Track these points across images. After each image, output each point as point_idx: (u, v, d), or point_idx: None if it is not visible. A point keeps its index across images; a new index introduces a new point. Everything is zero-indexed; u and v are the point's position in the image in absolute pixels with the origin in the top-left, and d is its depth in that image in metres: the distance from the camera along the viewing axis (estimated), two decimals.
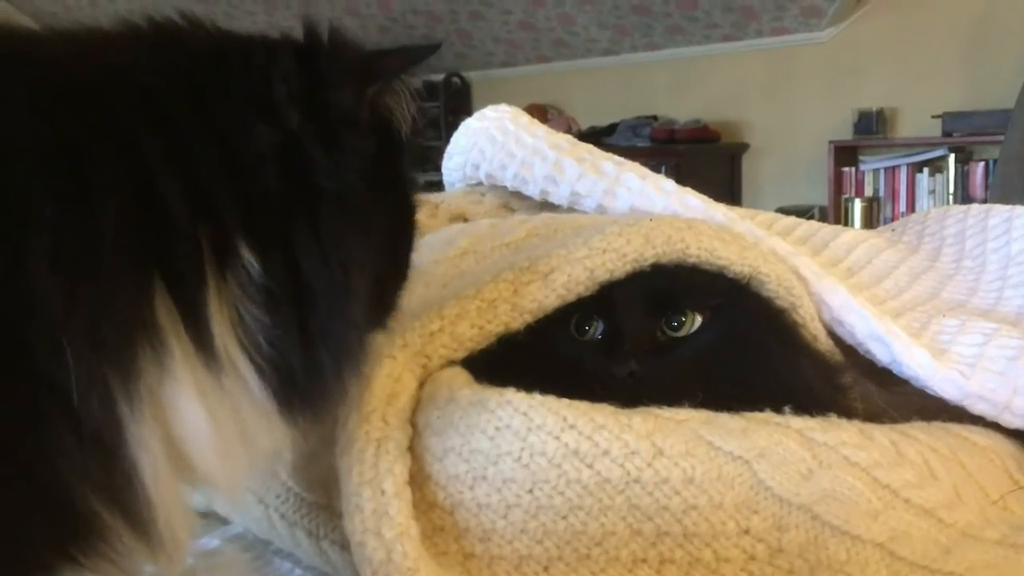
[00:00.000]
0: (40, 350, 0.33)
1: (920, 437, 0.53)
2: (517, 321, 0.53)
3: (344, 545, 0.48)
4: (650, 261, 0.55)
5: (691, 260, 0.56)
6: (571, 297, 0.54)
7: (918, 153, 3.58)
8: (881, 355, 0.64)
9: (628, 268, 0.55)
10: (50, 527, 0.34)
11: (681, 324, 0.55)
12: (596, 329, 0.55)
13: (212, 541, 0.71)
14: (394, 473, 0.46)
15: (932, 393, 0.62)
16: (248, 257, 0.38)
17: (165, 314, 0.36)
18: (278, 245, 0.39)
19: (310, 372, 0.40)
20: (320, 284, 0.40)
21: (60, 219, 0.33)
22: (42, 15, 5.27)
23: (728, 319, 0.57)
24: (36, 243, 0.33)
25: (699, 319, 0.56)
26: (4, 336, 0.33)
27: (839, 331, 0.65)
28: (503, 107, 0.87)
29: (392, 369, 0.50)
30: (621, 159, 0.77)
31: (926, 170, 3.56)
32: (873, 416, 0.56)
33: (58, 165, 0.34)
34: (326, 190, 0.40)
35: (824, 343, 0.64)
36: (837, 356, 0.64)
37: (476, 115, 0.88)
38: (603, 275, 0.54)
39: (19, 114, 0.34)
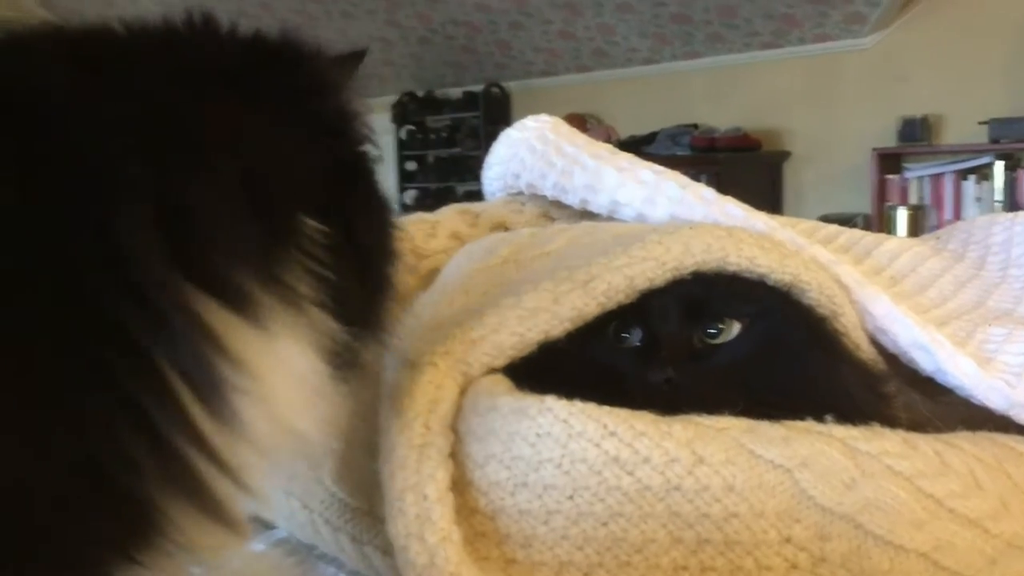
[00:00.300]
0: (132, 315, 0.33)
1: (965, 447, 0.52)
2: (557, 329, 0.53)
3: (387, 550, 0.49)
4: (690, 269, 0.55)
5: (731, 268, 0.56)
6: (611, 305, 0.54)
7: (964, 160, 3.52)
8: (925, 364, 0.63)
9: (668, 276, 0.55)
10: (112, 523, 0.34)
11: (719, 331, 0.55)
12: (634, 336, 0.56)
13: (257, 545, 0.72)
14: (436, 479, 0.47)
15: (977, 403, 0.62)
16: (314, 225, 0.42)
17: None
18: (339, 213, 0.44)
19: (368, 326, 0.47)
20: (370, 242, 0.48)
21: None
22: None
23: (767, 327, 0.56)
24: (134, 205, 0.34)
25: (737, 327, 0.56)
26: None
27: (882, 340, 0.65)
28: (543, 117, 0.88)
29: (434, 376, 0.51)
30: (661, 168, 0.77)
31: (972, 177, 3.51)
32: (917, 425, 0.55)
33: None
34: (366, 167, 0.51)
35: (867, 352, 0.63)
36: (880, 365, 0.64)
37: (516, 125, 0.89)
38: (643, 283, 0.54)
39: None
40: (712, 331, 0.55)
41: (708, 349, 0.55)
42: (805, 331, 0.59)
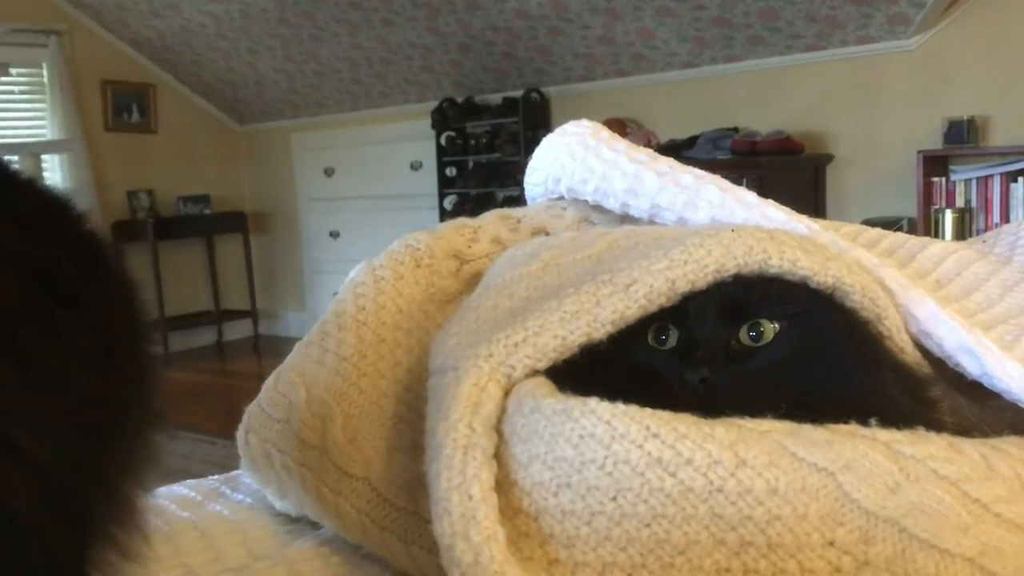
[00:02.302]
0: None
1: (1012, 451, 0.52)
2: (599, 332, 0.54)
3: (432, 549, 0.50)
4: (731, 272, 0.55)
5: (773, 270, 0.56)
6: (652, 308, 0.54)
7: (1012, 162, 3.46)
8: (971, 368, 0.63)
9: (709, 279, 0.55)
10: None
11: (759, 334, 0.55)
12: (672, 338, 0.56)
13: (304, 544, 0.73)
14: (481, 479, 0.47)
15: None
16: None
17: None
18: None
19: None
20: None
21: None
22: (141, 41, 5.51)
23: (807, 330, 0.56)
24: None
25: (776, 328, 0.55)
26: None
27: (927, 343, 0.64)
28: (584, 122, 0.88)
29: (478, 379, 0.52)
30: (702, 172, 0.77)
31: (1021, 179, 3.44)
32: (964, 430, 0.55)
33: None
34: None
35: (911, 355, 0.63)
36: (925, 369, 0.63)
37: (557, 130, 0.89)
38: (684, 286, 0.54)
39: None
40: (751, 333, 0.55)
41: (746, 351, 0.55)
42: (847, 334, 0.59)
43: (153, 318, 0.59)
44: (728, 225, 0.66)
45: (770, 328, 0.55)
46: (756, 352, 0.55)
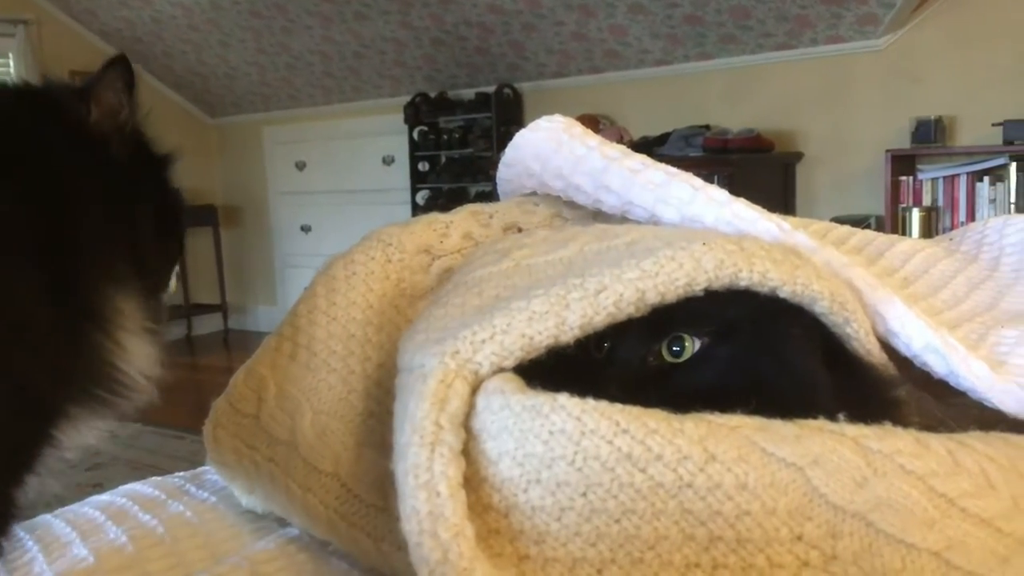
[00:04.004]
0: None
1: (978, 447, 0.52)
2: (567, 335, 0.53)
3: (401, 546, 0.50)
4: (702, 286, 0.54)
5: (743, 284, 0.56)
6: (621, 316, 0.54)
7: (978, 162, 3.50)
8: (938, 367, 0.63)
9: (680, 292, 0.54)
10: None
11: (681, 348, 0.55)
12: (604, 349, 0.56)
13: (269, 544, 0.73)
14: (448, 476, 0.47)
15: (990, 406, 0.62)
16: None
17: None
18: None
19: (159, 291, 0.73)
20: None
21: None
22: (110, 32, 5.43)
23: (739, 352, 0.56)
24: None
25: (697, 345, 0.55)
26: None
27: (894, 343, 0.65)
28: (557, 117, 0.88)
29: (445, 376, 0.51)
30: (674, 169, 0.77)
31: (986, 179, 3.49)
32: (930, 427, 0.55)
33: None
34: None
35: (878, 356, 0.63)
36: (891, 370, 0.64)
37: (530, 126, 0.89)
38: (654, 298, 0.54)
39: None
40: (674, 348, 0.55)
41: (665, 369, 0.55)
42: (814, 341, 0.59)
43: None
44: (701, 232, 0.65)
45: (691, 345, 0.55)
46: (674, 372, 0.55)
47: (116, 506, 0.82)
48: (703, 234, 0.61)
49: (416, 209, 4.99)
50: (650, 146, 3.89)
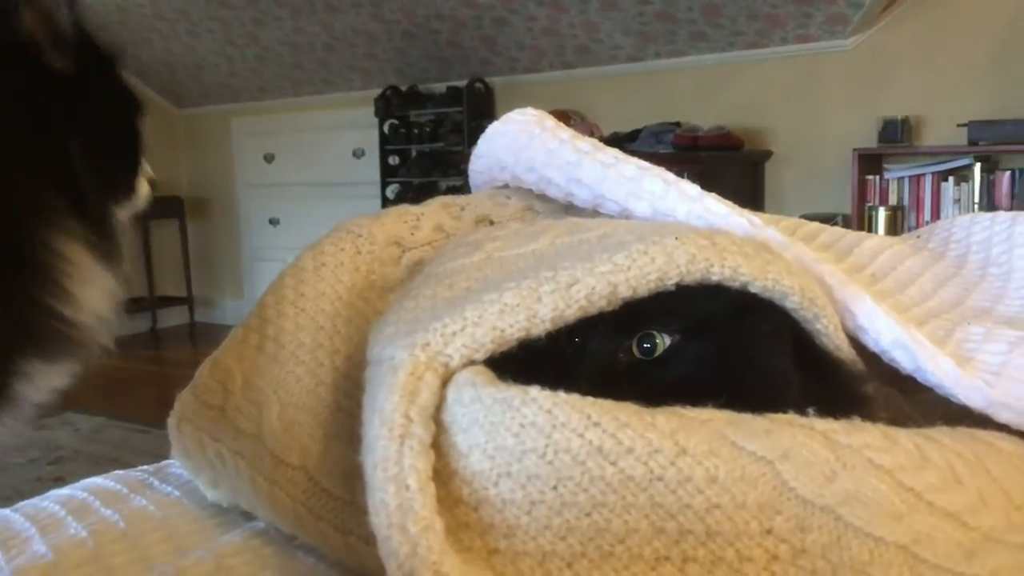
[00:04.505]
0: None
1: (944, 441, 0.53)
2: (538, 328, 0.53)
3: (370, 540, 0.49)
4: (674, 280, 0.54)
5: (715, 279, 0.56)
6: (592, 310, 0.53)
7: (943, 162, 3.55)
8: (905, 363, 0.64)
9: (651, 287, 0.54)
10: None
11: (652, 346, 0.55)
12: (575, 344, 0.56)
13: (234, 537, 0.72)
14: (418, 469, 0.47)
15: (956, 401, 0.62)
16: None
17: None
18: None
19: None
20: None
21: None
22: None
23: (709, 349, 0.56)
24: None
25: (668, 342, 0.55)
26: None
27: (863, 339, 0.65)
28: (529, 110, 0.88)
29: (415, 368, 0.51)
30: (646, 164, 0.77)
31: (951, 179, 3.54)
32: (897, 423, 0.56)
33: None
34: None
35: (847, 352, 0.63)
36: (859, 365, 0.64)
37: (503, 118, 0.89)
38: (626, 291, 0.53)
39: None
40: (644, 345, 0.55)
41: (635, 366, 0.55)
42: (784, 337, 0.59)
43: None
44: (673, 226, 0.65)
45: (662, 342, 0.55)
46: (645, 369, 0.55)
47: (77, 500, 0.81)
48: (675, 228, 0.61)
49: (386, 203, 4.96)
50: (621, 142, 3.90)
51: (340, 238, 0.77)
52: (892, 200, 3.65)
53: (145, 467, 0.91)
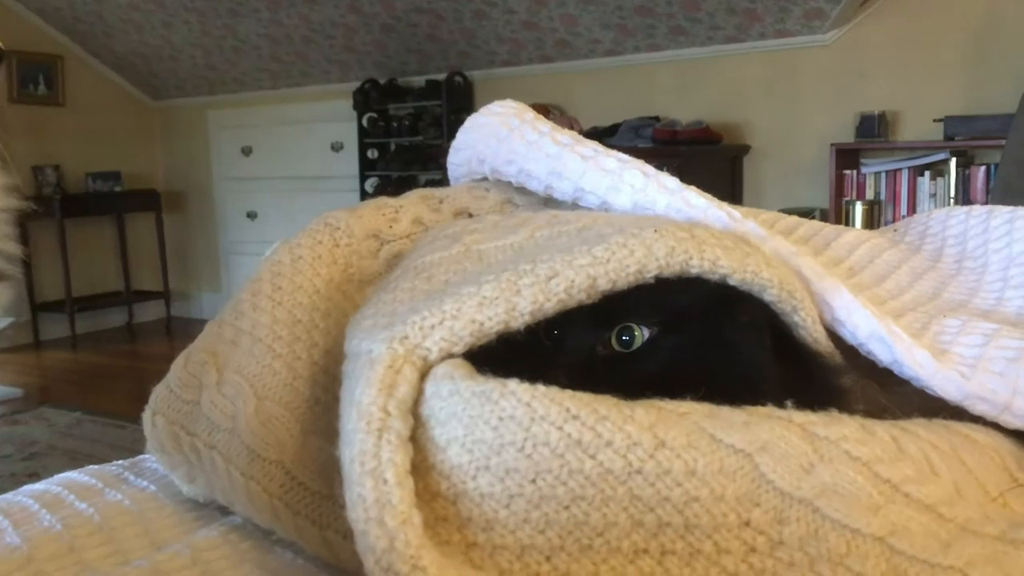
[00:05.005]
0: None
1: (921, 433, 0.53)
2: (517, 321, 0.53)
3: (347, 534, 0.49)
4: (653, 273, 0.54)
5: (694, 271, 0.56)
6: (572, 303, 0.53)
7: (920, 157, 3.58)
8: (882, 355, 0.64)
9: (631, 279, 0.54)
10: None
11: (631, 338, 0.55)
12: (553, 337, 0.56)
13: (211, 532, 0.71)
14: (395, 463, 0.46)
15: (932, 393, 0.63)
16: None
17: None
18: None
19: None
20: None
21: None
22: (48, 11, 5.28)
23: (687, 341, 0.56)
24: None
25: (646, 335, 0.55)
26: None
27: (840, 331, 0.65)
28: (508, 102, 0.88)
29: (393, 361, 0.50)
30: (626, 156, 0.77)
31: (927, 174, 3.57)
32: (874, 415, 0.56)
33: None
34: None
35: (825, 345, 0.64)
36: (837, 358, 0.64)
37: (482, 110, 0.88)
38: (605, 284, 0.53)
39: None
40: (623, 338, 0.55)
41: (615, 359, 0.55)
42: (755, 328, 0.59)
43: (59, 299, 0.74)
44: (652, 219, 0.65)
45: (640, 334, 0.55)
46: (623, 362, 0.55)
47: (51, 494, 0.80)
48: (654, 221, 0.60)
49: (364, 196, 4.94)
50: (600, 136, 3.90)
51: (318, 231, 0.77)
52: (869, 194, 3.68)
53: (120, 462, 0.91)
